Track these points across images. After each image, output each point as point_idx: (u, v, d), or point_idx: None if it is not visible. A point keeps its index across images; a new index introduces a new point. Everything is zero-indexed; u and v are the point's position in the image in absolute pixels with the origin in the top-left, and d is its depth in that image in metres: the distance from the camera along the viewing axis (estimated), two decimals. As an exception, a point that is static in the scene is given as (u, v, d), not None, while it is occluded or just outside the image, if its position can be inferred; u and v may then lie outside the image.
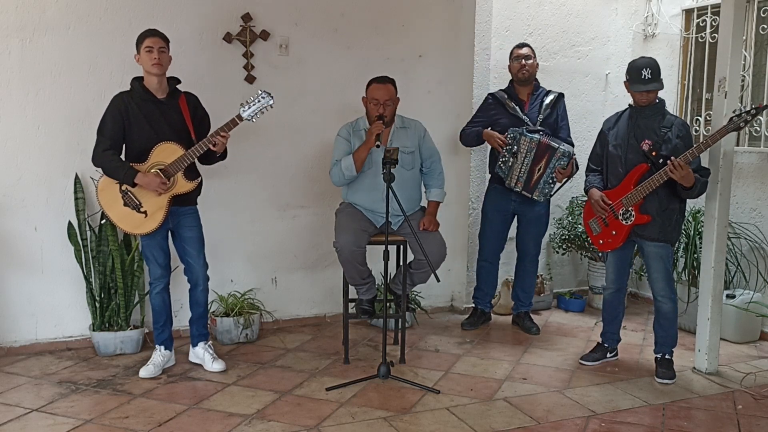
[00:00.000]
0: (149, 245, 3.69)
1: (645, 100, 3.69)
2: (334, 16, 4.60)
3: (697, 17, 5.14)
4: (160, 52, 3.53)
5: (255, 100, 3.58)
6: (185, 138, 3.60)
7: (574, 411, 3.37)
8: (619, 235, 3.79)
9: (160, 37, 3.56)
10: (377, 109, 3.90)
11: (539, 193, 4.36)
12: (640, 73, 3.65)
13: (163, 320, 3.79)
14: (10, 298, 4.01)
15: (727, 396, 3.61)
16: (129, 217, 3.58)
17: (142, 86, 3.60)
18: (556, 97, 4.49)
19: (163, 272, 3.75)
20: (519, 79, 4.45)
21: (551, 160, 4.28)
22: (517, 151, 4.28)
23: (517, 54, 4.47)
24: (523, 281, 4.70)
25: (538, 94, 4.49)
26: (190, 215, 3.75)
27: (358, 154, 3.89)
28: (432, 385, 3.62)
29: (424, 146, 4.13)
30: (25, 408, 3.31)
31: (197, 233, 3.78)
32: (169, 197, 3.58)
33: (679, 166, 3.48)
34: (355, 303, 4.17)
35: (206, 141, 3.54)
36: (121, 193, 3.56)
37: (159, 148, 3.54)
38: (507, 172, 4.34)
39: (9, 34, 3.87)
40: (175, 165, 3.54)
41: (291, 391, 3.55)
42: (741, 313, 4.30)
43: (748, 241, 4.61)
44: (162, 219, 3.58)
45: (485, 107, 4.54)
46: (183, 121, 3.62)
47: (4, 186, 3.95)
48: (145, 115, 3.56)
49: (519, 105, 4.43)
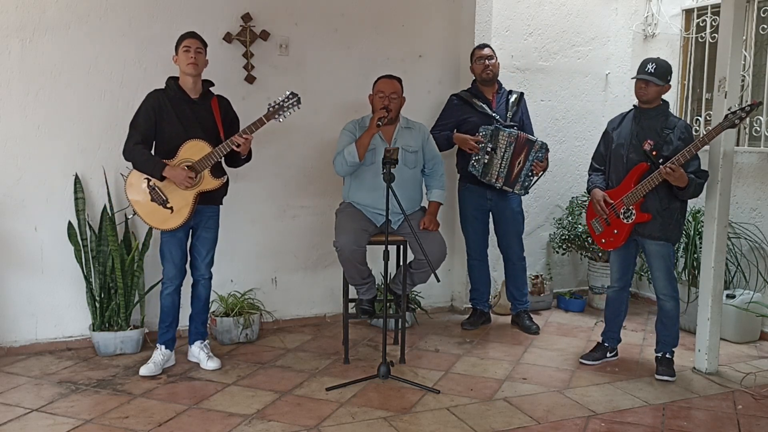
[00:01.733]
0: (169, 242, 3.72)
1: (642, 93, 3.71)
2: (334, 16, 4.61)
3: (697, 17, 5.14)
4: (197, 52, 3.60)
5: (283, 101, 3.65)
6: (215, 138, 3.66)
7: (574, 411, 3.37)
8: (620, 233, 3.80)
9: (198, 39, 3.64)
10: (382, 102, 3.93)
11: (520, 187, 4.40)
12: (646, 65, 3.71)
13: (169, 321, 3.81)
14: (10, 298, 4.01)
15: (727, 396, 3.61)
16: (155, 213, 3.62)
17: (177, 85, 3.67)
18: (519, 96, 4.56)
19: (177, 273, 3.77)
20: (483, 80, 4.48)
21: (530, 153, 4.32)
22: (495, 147, 4.30)
23: (479, 55, 4.49)
24: (515, 280, 4.71)
25: (502, 93, 4.55)
26: (212, 218, 3.82)
27: (361, 141, 3.91)
28: (432, 385, 3.62)
29: (428, 149, 4.16)
30: (25, 408, 3.31)
31: (213, 235, 3.85)
32: (195, 194, 3.62)
33: (671, 170, 3.51)
34: (355, 303, 4.17)
35: (230, 141, 3.59)
36: (148, 189, 3.61)
37: (187, 145, 3.59)
38: (482, 170, 4.35)
39: (9, 34, 3.87)
40: (202, 162, 3.59)
41: (291, 391, 3.55)
42: (741, 313, 4.30)
43: (748, 241, 4.61)
44: (188, 215, 3.62)
45: (450, 108, 4.54)
46: (214, 121, 3.69)
47: (4, 186, 3.95)
48: (177, 114, 3.62)
49: (486, 103, 4.46)
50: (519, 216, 4.63)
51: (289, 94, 3.67)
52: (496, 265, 4.92)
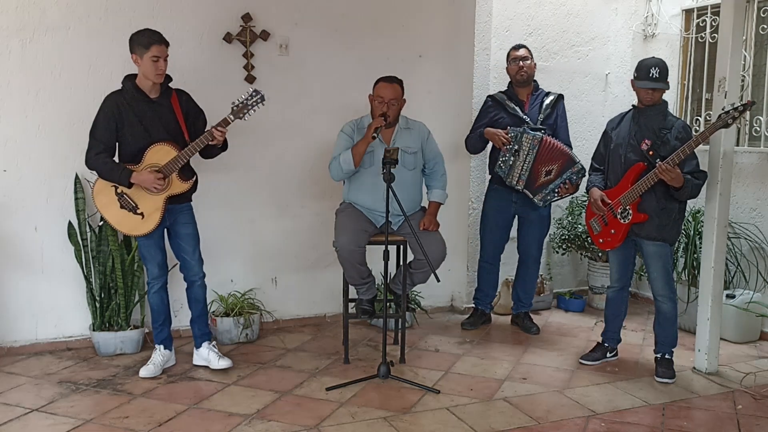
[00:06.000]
0: (147, 245, 3.69)
1: (650, 99, 3.70)
2: (334, 16, 4.61)
3: (697, 17, 5.14)
4: (165, 60, 3.50)
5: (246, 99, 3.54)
6: (179, 138, 3.59)
7: (574, 411, 3.37)
8: (618, 233, 3.80)
9: (165, 45, 3.51)
10: (381, 108, 3.92)
11: (541, 198, 4.35)
12: (649, 71, 3.66)
13: (162, 319, 3.79)
14: (10, 298, 4.02)
15: (727, 396, 3.61)
16: (126, 220, 3.58)
17: (135, 86, 3.55)
18: (556, 98, 4.50)
19: (160, 272, 3.75)
20: (518, 81, 4.46)
21: (565, 171, 4.28)
22: (519, 149, 4.27)
23: (514, 56, 4.48)
24: (525, 283, 4.70)
25: (537, 94, 4.50)
26: (185, 212, 3.75)
27: (356, 149, 3.90)
28: (432, 385, 3.62)
29: (428, 148, 4.14)
30: (25, 408, 3.31)
31: (192, 230, 3.78)
32: (164, 198, 3.57)
33: (666, 170, 3.50)
34: (355, 303, 4.17)
35: (203, 138, 3.52)
36: (116, 196, 3.56)
37: (153, 149, 3.52)
38: (507, 170, 4.34)
39: (9, 34, 3.87)
40: (169, 166, 3.52)
41: (291, 391, 3.55)
42: (741, 313, 4.30)
43: (748, 241, 4.61)
44: (159, 220, 3.58)
45: (485, 110, 4.54)
46: (176, 120, 3.60)
47: (4, 186, 3.95)
48: (137, 116, 3.53)
49: (519, 105, 4.44)
50: (546, 220, 4.60)
51: (252, 92, 3.55)
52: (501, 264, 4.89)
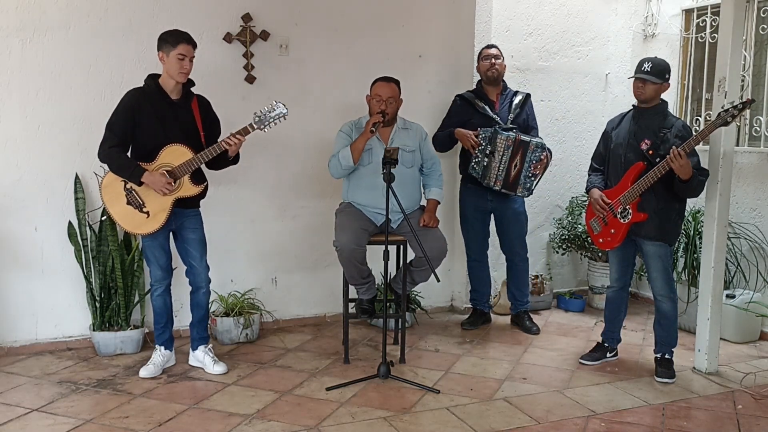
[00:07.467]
0: (151, 246, 3.67)
1: (640, 92, 3.71)
2: (334, 16, 4.61)
3: (697, 17, 5.14)
4: (191, 61, 3.50)
5: (269, 111, 3.57)
6: (195, 141, 3.58)
7: (574, 411, 3.37)
8: (617, 233, 3.80)
9: (193, 46, 3.51)
10: (379, 106, 3.93)
11: (522, 189, 4.37)
12: (642, 65, 3.72)
13: (164, 321, 3.79)
14: (10, 298, 4.01)
15: (727, 396, 3.61)
16: (130, 216, 3.56)
17: (157, 85, 3.55)
18: (525, 97, 4.53)
19: (164, 274, 3.73)
20: (488, 78, 4.47)
21: (526, 155, 4.30)
22: (494, 151, 4.28)
23: (486, 54, 4.49)
24: (517, 280, 4.71)
25: (506, 94, 4.53)
26: (193, 217, 3.73)
27: (355, 145, 3.92)
28: (432, 385, 3.62)
29: (425, 149, 4.17)
30: (25, 408, 3.31)
31: (200, 235, 3.76)
32: (173, 199, 3.56)
33: (678, 155, 3.48)
34: (355, 303, 4.17)
35: (219, 145, 3.51)
36: (125, 192, 3.54)
37: (168, 149, 3.51)
38: (482, 172, 4.33)
39: (9, 34, 3.87)
40: (182, 167, 3.51)
41: (291, 391, 3.55)
42: (741, 313, 4.30)
43: (748, 241, 4.61)
44: (164, 221, 3.56)
45: (454, 109, 4.54)
46: (194, 123, 3.61)
47: (4, 186, 3.95)
48: (156, 115, 3.52)
49: (489, 105, 4.45)
50: (521, 216, 4.61)
51: (275, 104, 3.56)
52: (496, 264, 4.92)
